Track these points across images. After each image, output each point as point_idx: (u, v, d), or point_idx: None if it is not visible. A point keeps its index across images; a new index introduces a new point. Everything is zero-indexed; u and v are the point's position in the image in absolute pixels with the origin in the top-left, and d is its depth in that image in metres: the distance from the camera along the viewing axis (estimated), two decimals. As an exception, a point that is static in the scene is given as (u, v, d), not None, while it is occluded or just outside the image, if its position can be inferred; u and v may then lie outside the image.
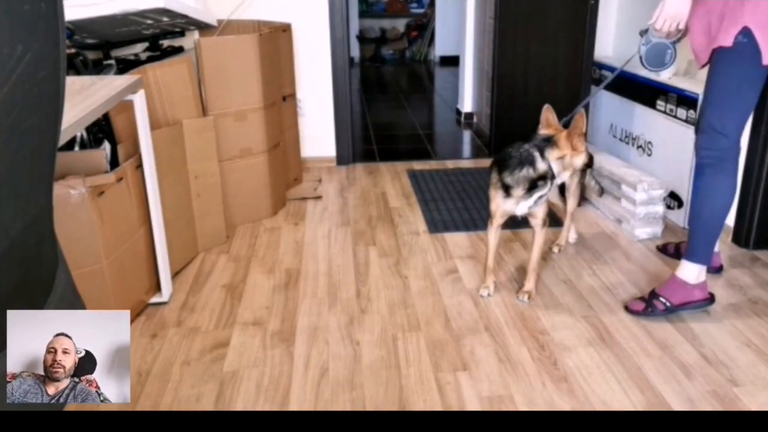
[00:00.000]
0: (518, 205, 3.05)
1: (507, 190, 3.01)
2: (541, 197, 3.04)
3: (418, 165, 5.36)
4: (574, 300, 3.25)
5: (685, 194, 4.08)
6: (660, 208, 4.00)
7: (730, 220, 3.90)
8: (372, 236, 3.98)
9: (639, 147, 4.61)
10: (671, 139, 4.21)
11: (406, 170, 5.22)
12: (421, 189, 4.77)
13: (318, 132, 5.24)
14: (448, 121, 6.86)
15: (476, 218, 4.23)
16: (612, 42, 5.40)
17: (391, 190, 4.80)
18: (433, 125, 6.99)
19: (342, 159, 5.33)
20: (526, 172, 2.94)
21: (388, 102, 8.15)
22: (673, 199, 4.21)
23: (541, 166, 2.94)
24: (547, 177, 2.97)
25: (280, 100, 4.40)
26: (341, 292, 3.32)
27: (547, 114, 3.02)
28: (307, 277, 3.48)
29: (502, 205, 3.07)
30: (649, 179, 4.05)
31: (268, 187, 4.20)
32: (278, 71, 4.32)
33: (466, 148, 5.98)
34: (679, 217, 4.16)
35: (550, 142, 2.96)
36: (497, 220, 3.15)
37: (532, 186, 2.97)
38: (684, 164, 4.06)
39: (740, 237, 3.84)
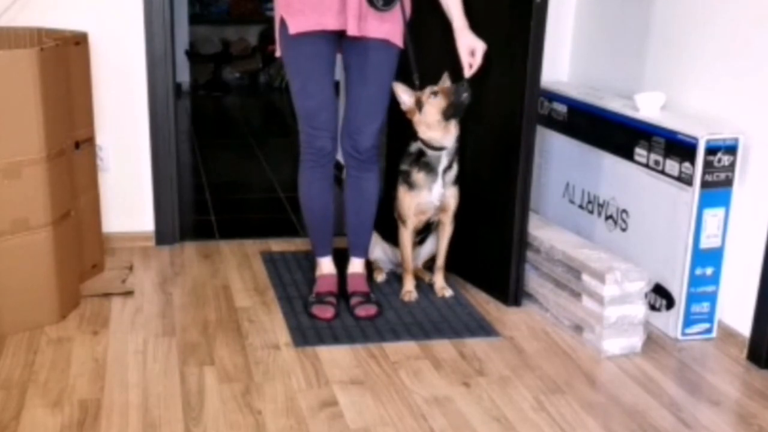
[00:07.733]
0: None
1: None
2: None
3: (277, 245, 5.46)
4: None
5: (678, 289, 4.14)
6: (640, 310, 4.04)
7: (745, 329, 4.00)
8: (209, 351, 4.07)
9: (609, 218, 4.69)
10: (657, 207, 4.29)
11: (260, 252, 5.33)
12: (282, 281, 4.87)
13: (128, 196, 5.30)
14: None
15: (364, 324, 4.31)
16: (567, 62, 5.51)
17: (237, 282, 4.89)
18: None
19: (164, 236, 5.41)
20: None
21: (233, 151, 8.34)
22: (660, 295, 4.26)
23: None
24: None
25: (72, 147, 4.49)
26: (163, 437, 3.42)
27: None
28: (111, 413, 3.53)
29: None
30: (624, 266, 4.10)
31: (54, 278, 4.27)
32: (68, 104, 4.40)
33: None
34: (669, 323, 4.21)
35: None
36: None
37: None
38: (676, 243, 4.13)
39: (759, 353, 3.93)
